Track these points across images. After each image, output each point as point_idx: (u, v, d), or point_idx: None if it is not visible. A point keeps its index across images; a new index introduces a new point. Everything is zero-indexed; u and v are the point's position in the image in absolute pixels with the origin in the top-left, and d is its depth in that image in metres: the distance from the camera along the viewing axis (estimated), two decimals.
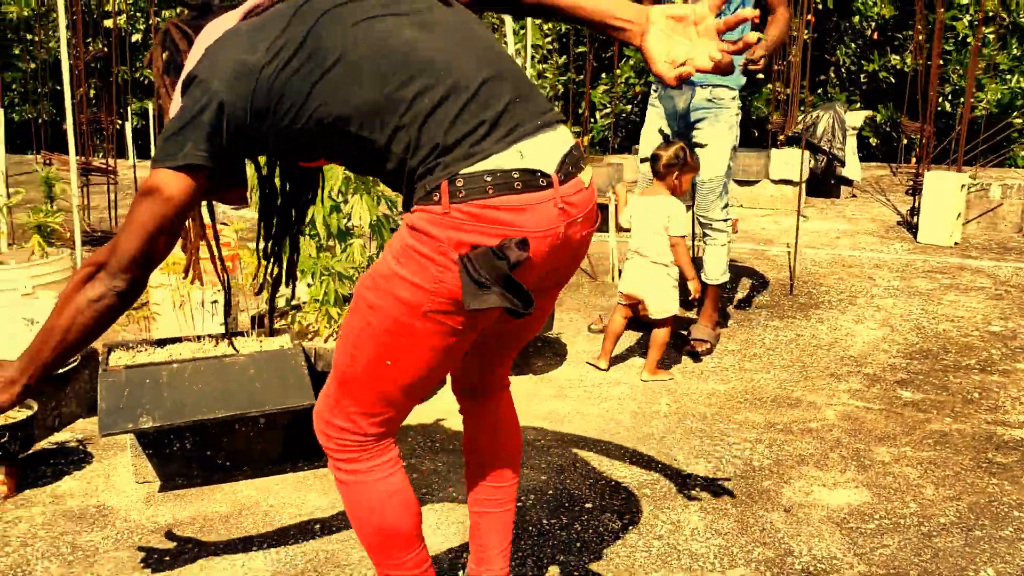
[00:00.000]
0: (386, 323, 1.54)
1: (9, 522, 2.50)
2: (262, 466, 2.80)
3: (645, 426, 3.12)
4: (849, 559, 2.31)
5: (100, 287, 1.54)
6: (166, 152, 1.51)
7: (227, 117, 1.50)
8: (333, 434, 1.67)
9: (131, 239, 1.52)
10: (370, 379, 1.61)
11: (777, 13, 3.65)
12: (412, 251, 1.48)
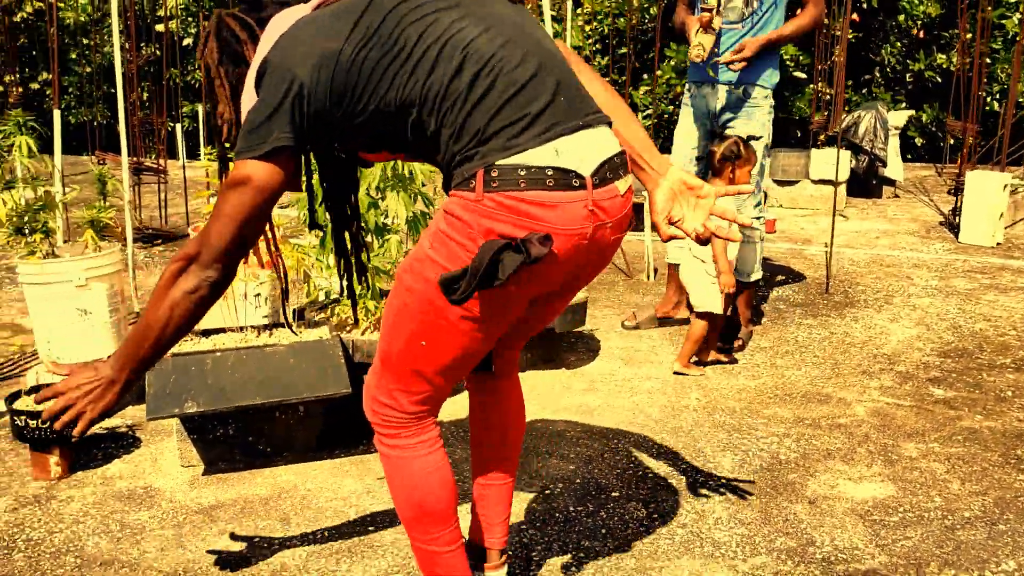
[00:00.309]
0: (421, 305, 1.63)
1: (63, 501, 2.64)
2: (301, 452, 2.90)
3: (673, 420, 3.18)
4: (870, 550, 2.35)
5: (194, 279, 1.61)
6: (251, 142, 1.56)
7: (308, 102, 1.56)
8: (378, 409, 1.77)
9: (222, 230, 1.59)
10: (407, 358, 1.69)
11: (807, 8, 3.69)
12: (445, 236, 1.57)
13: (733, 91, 3.76)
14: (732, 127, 3.78)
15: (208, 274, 1.61)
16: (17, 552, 2.36)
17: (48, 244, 3.02)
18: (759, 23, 3.68)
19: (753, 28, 3.69)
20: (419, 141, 1.62)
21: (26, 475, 2.79)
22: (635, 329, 4.16)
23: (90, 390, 1.67)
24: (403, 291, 1.66)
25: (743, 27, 3.69)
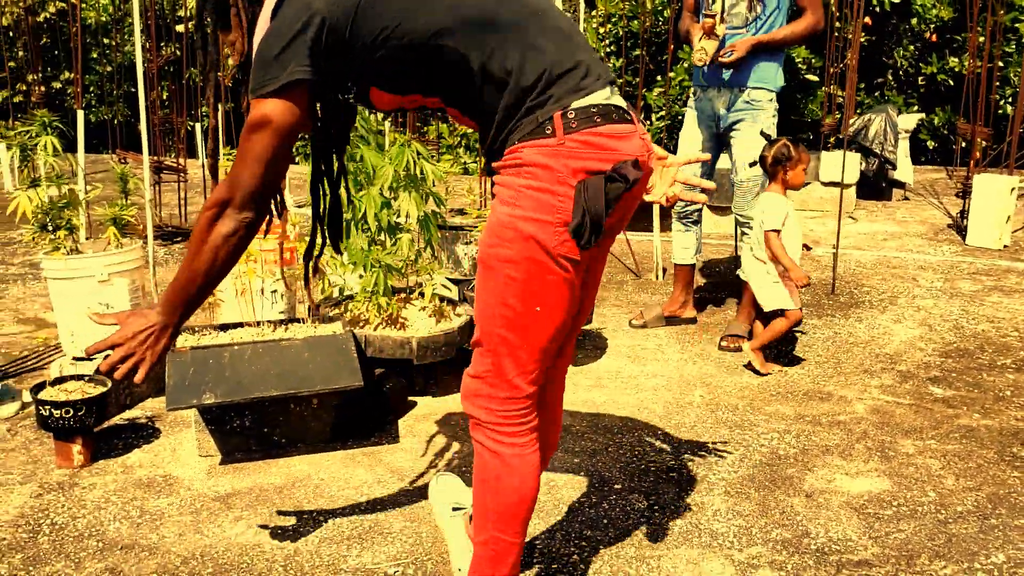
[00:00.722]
0: (527, 268, 1.63)
1: (85, 488, 2.74)
2: (314, 443, 3.00)
3: (677, 415, 3.26)
4: (864, 541, 2.42)
5: (231, 222, 1.66)
6: (267, 77, 1.57)
7: (328, 33, 1.56)
8: (498, 408, 1.76)
9: (251, 171, 1.63)
10: (525, 333, 1.69)
11: (805, 14, 3.77)
12: (528, 189, 1.60)
13: (738, 94, 3.83)
14: (737, 130, 3.86)
15: (244, 215, 1.66)
16: (42, 536, 2.47)
17: (72, 240, 3.13)
18: (762, 28, 3.76)
19: (756, 33, 3.77)
20: (459, 80, 1.62)
21: (50, 463, 2.89)
22: (642, 328, 4.23)
23: (145, 337, 1.73)
24: (500, 266, 1.65)
25: (747, 32, 3.77)
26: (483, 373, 1.77)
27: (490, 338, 1.74)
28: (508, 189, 1.63)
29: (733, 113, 3.86)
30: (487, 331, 1.74)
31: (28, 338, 4.17)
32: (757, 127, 3.82)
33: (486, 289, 1.70)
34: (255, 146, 1.62)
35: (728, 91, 3.84)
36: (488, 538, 1.84)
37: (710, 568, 2.30)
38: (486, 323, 1.73)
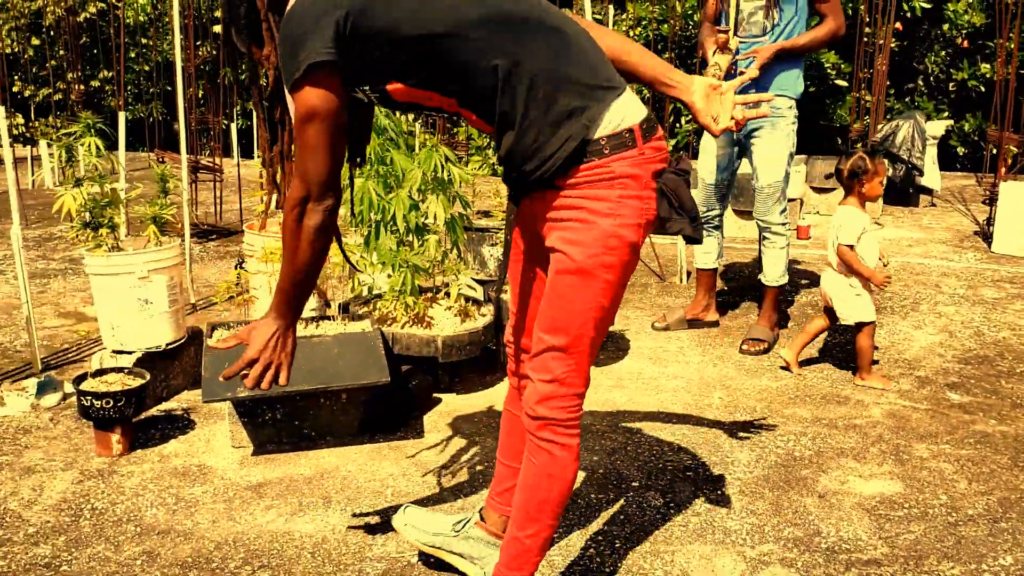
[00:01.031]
0: (623, 270, 1.83)
1: (124, 475, 2.87)
2: (342, 437, 3.10)
3: (696, 416, 3.33)
4: (873, 541, 2.48)
5: (317, 216, 1.75)
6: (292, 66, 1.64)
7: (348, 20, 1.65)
8: (572, 404, 1.89)
9: (316, 162, 1.71)
10: (604, 330, 1.89)
11: (826, 20, 3.83)
12: (623, 199, 1.77)
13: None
14: (757, 136, 3.92)
15: (325, 204, 1.75)
16: (83, 519, 2.59)
17: (113, 238, 3.26)
18: (781, 36, 3.82)
19: (776, 40, 3.83)
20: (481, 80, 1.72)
21: (90, 451, 3.02)
22: (664, 330, 4.31)
23: (275, 343, 1.87)
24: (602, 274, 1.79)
25: (767, 40, 3.83)
26: (562, 375, 1.87)
27: (579, 341, 1.86)
28: (605, 202, 1.77)
29: (753, 121, 3.92)
30: (578, 335, 1.85)
31: (69, 331, 4.32)
32: (776, 134, 3.88)
33: (583, 296, 1.82)
34: (310, 139, 1.71)
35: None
36: (542, 527, 1.97)
37: (722, 564, 2.37)
38: (578, 328, 1.84)
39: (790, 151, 3.94)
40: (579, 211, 1.78)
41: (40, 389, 3.37)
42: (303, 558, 2.39)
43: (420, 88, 1.78)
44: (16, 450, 3.04)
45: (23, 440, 3.12)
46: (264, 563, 2.36)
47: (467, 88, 1.77)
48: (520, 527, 1.97)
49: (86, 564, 2.36)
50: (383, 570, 2.33)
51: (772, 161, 3.89)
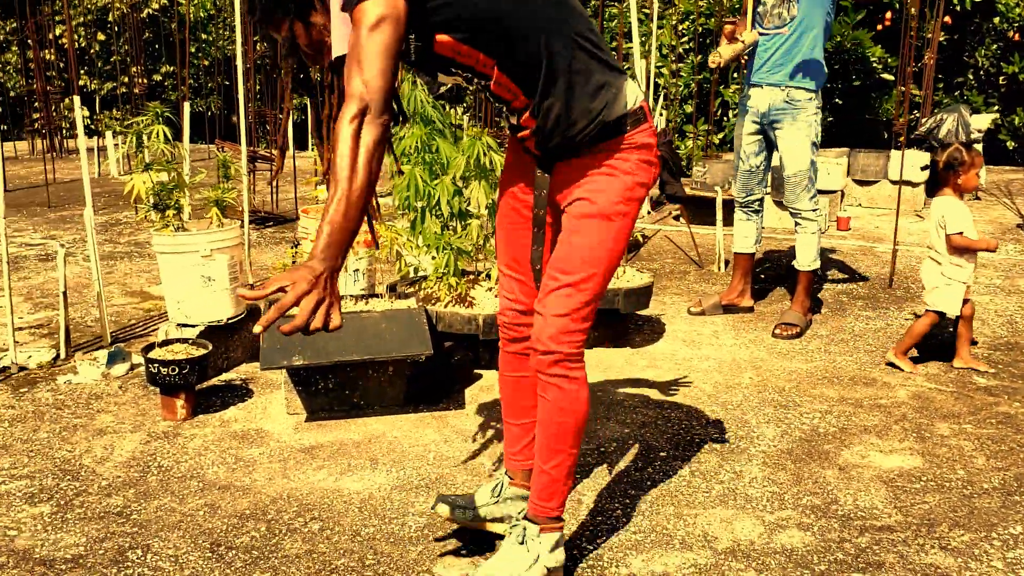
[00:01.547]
0: (629, 222, 2.10)
1: (187, 438, 3.10)
2: (389, 406, 3.31)
3: (725, 395, 3.48)
4: (888, 510, 2.61)
5: (377, 129, 1.68)
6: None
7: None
8: (580, 338, 2.10)
9: (378, 70, 1.68)
10: (611, 272, 2.13)
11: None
12: (642, 163, 2.08)
13: (778, 93, 4.02)
14: (780, 128, 4.04)
15: (384, 118, 1.70)
16: (151, 475, 2.83)
17: (179, 219, 3.50)
18: (799, 27, 3.94)
19: (797, 30, 3.95)
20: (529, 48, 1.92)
21: (156, 416, 3.26)
22: (700, 315, 4.44)
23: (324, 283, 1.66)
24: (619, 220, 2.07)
25: (788, 31, 3.96)
26: (573, 310, 2.08)
27: (592, 279, 2.08)
28: (628, 162, 2.07)
29: (774, 112, 4.05)
30: (593, 272, 2.08)
31: (135, 308, 4.59)
32: (797, 125, 4.00)
33: (601, 237, 2.07)
34: (374, 45, 1.68)
35: (768, 90, 4.03)
36: (565, 456, 2.16)
37: (741, 527, 2.52)
38: (593, 265, 2.07)
39: (812, 140, 4.05)
40: (606, 167, 2.07)
41: (110, 359, 3.62)
42: (351, 512, 2.59)
43: (466, 44, 1.88)
44: (89, 414, 3.29)
45: (95, 405, 3.37)
46: (315, 516, 2.57)
47: (513, 52, 1.94)
48: (545, 460, 2.16)
49: (154, 513, 2.59)
50: (424, 524, 2.52)
51: (795, 151, 4.01)
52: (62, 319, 3.80)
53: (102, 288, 3.86)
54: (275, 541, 2.44)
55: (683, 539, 2.45)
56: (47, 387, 3.54)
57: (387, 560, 2.35)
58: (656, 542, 2.44)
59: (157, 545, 2.42)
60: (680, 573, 2.29)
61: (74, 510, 2.61)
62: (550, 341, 2.08)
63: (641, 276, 3.99)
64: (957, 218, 3.64)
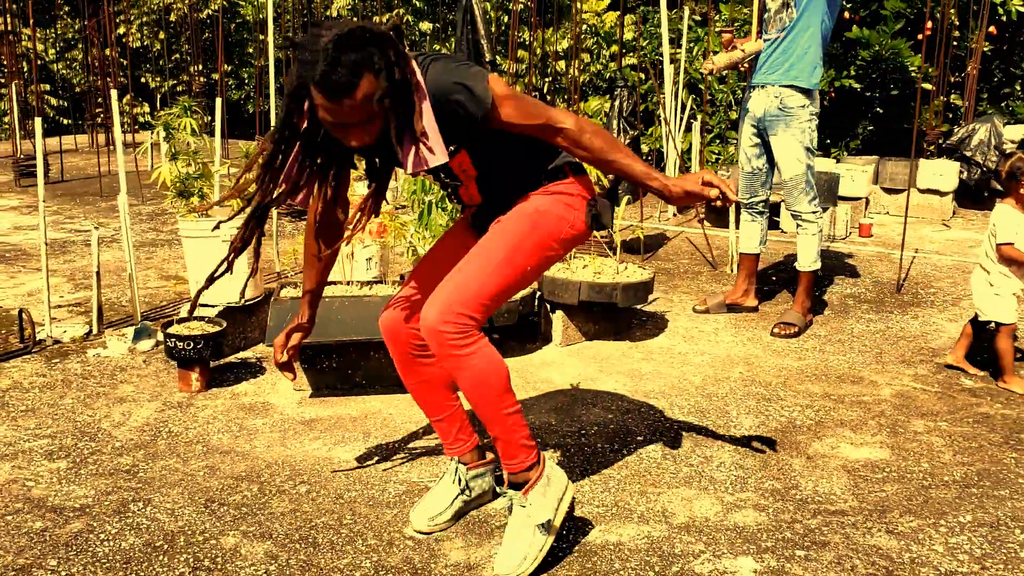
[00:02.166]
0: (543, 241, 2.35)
1: (199, 408, 3.34)
2: (388, 386, 3.51)
3: (712, 387, 3.61)
4: (845, 496, 2.74)
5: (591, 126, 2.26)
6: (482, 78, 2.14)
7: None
8: (459, 324, 2.20)
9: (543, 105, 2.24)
10: (514, 284, 2.33)
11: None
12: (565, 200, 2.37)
13: (772, 98, 4.14)
14: (774, 134, 4.17)
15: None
16: (160, 439, 3.07)
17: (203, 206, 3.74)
18: (792, 31, 4.07)
19: (792, 31, 4.07)
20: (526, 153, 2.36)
21: (173, 387, 3.51)
22: (704, 313, 4.57)
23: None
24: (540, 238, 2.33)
25: (783, 34, 4.09)
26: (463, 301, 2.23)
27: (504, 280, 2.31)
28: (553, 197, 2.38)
29: (768, 118, 4.17)
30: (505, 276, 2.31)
31: (167, 291, 4.87)
32: (790, 131, 4.11)
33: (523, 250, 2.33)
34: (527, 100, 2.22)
35: (762, 91, 4.16)
36: (505, 416, 2.30)
37: (700, 505, 2.67)
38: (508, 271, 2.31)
39: (806, 145, 4.16)
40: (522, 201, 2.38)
41: (136, 335, 3.89)
42: (337, 478, 2.80)
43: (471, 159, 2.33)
44: (112, 384, 3.55)
45: (119, 376, 3.64)
46: (304, 480, 2.78)
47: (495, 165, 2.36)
48: (492, 429, 2.33)
49: (158, 472, 2.82)
50: (403, 491, 2.72)
51: (789, 156, 4.13)
52: (95, 297, 4.09)
53: (134, 270, 4.13)
54: (264, 500, 2.66)
55: (642, 514, 2.61)
56: (77, 359, 3.82)
57: (363, 520, 2.54)
58: (616, 515, 2.60)
59: (157, 499, 2.65)
60: (633, 543, 2.45)
61: (87, 467, 2.86)
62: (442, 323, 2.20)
63: (641, 272, 4.14)
64: (1009, 228, 3.63)
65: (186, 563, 2.32)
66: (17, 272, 5.29)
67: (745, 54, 4.16)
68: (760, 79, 4.19)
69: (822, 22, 4.08)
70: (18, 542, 2.42)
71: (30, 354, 3.86)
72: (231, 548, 2.40)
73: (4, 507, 2.60)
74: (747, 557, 2.39)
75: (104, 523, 2.51)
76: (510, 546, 2.30)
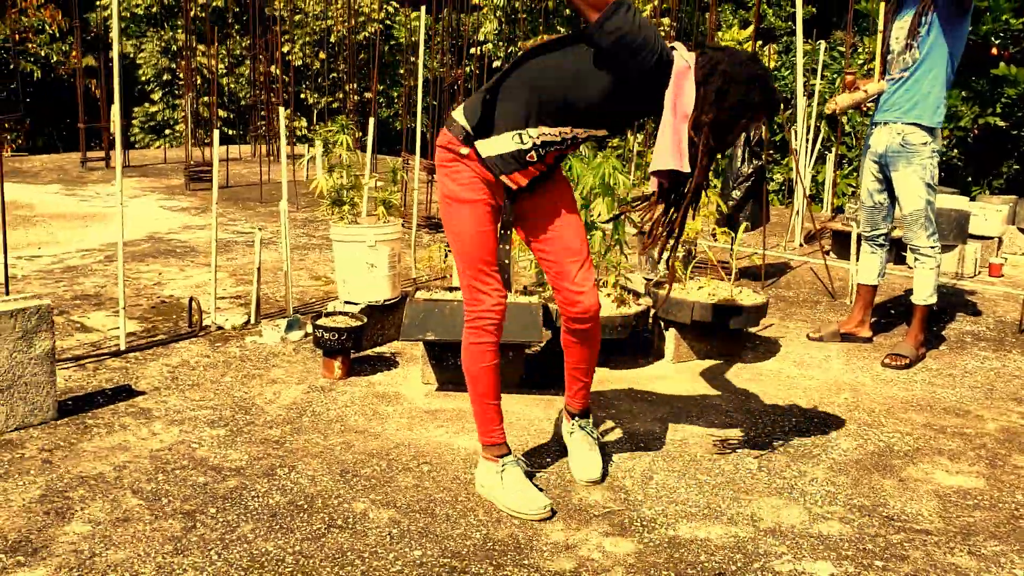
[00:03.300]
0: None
1: (339, 393, 3.73)
2: (507, 386, 3.79)
3: (815, 410, 3.76)
4: (932, 518, 2.86)
5: None
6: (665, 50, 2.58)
7: None
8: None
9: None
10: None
11: None
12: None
13: (894, 134, 4.25)
14: (895, 170, 4.26)
15: None
16: (305, 417, 3.46)
17: (353, 214, 4.17)
18: (918, 70, 4.17)
19: (917, 71, 4.17)
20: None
21: (318, 374, 3.92)
22: (818, 341, 4.69)
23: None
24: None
25: (907, 74, 4.19)
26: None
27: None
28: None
29: (890, 154, 4.27)
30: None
31: (317, 289, 5.35)
32: (912, 167, 4.21)
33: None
34: None
35: (884, 129, 4.27)
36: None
37: (788, 514, 2.85)
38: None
39: (927, 181, 4.23)
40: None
41: (288, 326, 4.34)
42: (456, 462, 3.12)
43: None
44: (265, 367, 4.00)
45: (271, 361, 4.08)
46: (427, 461, 3.11)
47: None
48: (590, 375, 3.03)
49: (302, 444, 3.21)
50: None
51: (910, 192, 4.22)
52: (254, 291, 4.57)
53: (289, 268, 4.60)
54: (391, 475, 3.00)
55: (731, 517, 2.82)
56: (236, 344, 4.29)
57: (476, 499, 2.85)
58: (707, 516, 2.81)
59: (300, 467, 3.03)
60: (720, 540, 2.66)
61: (242, 435, 3.27)
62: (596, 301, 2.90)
63: (755, 296, 4.31)
64: None
65: (322, 520, 2.68)
66: (186, 266, 5.89)
67: (868, 95, 4.29)
68: (882, 117, 4.31)
69: (946, 63, 4.17)
70: (183, 491, 2.84)
71: (197, 337, 4.37)
72: (360, 512, 2.74)
73: (174, 462, 3.04)
74: (826, 562, 2.57)
75: (255, 483, 2.91)
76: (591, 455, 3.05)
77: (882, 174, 4.41)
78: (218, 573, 2.39)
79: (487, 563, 2.49)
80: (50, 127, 16.66)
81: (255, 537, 2.58)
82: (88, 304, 4.92)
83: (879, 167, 4.40)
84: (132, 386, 3.71)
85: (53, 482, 2.86)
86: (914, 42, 4.17)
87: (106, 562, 2.42)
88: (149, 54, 15.28)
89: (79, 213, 7.72)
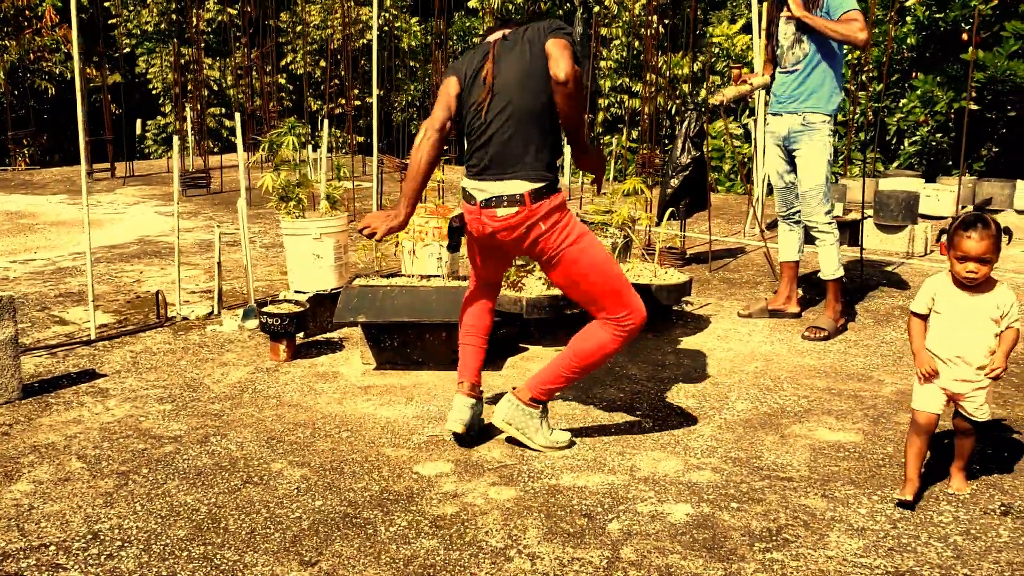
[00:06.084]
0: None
1: (281, 373, 4.06)
2: (441, 364, 4.12)
3: (724, 377, 4.03)
4: (799, 468, 3.12)
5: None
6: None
7: None
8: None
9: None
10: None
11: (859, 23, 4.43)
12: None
13: (795, 119, 4.51)
14: (797, 147, 4.52)
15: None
16: (246, 394, 3.80)
17: (299, 209, 4.50)
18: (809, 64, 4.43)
19: (806, 69, 4.43)
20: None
21: (265, 357, 4.26)
22: (748, 318, 4.95)
23: (384, 217, 3.02)
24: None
25: (801, 66, 4.45)
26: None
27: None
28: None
29: (793, 135, 4.53)
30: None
31: (281, 283, 5.69)
32: (813, 145, 4.46)
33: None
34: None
35: (788, 117, 4.52)
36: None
37: (665, 465, 3.13)
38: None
39: (827, 159, 4.49)
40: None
41: (245, 315, 4.68)
42: (375, 429, 3.43)
43: None
44: (220, 352, 4.34)
45: (226, 346, 4.42)
46: (348, 428, 3.43)
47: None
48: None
49: (238, 417, 3.54)
50: (424, 441, 3.32)
51: (811, 167, 4.48)
52: (216, 284, 4.92)
53: (250, 263, 4.94)
54: (312, 441, 3.32)
55: (612, 467, 3.10)
56: (197, 332, 4.64)
57: (384, 459, 3.16)
58: (591, 467, 3.10)
59: (232, 435, 3.36)
60: (595, 488, 2.95)
61: (186, 410, 3.61)
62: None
63: (678, 275, 4.59)
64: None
65: (240, 478, 3.01)
66: (167, 265, 6.27)
67: (752, 87, 4.55)
68: (782, 107, 4.57)
69: (836, 55, 4.43)
70: (122, 456, 3.18)
71: (163, 327, 4.72)
72: (277, 471, 3.07)
73: (119, 432, 3.38)
74: (687, 504, 2.85)
75: (188, 449, 3.24)
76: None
77: (787, 155, 4.66)
78: (138, 520, 2.72)
79: (378, 510, 2.80)
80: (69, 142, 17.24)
81: (178, 492, 2.91)
82: (70, 301, 5.30)
83: (783, 149, 4.65)
84: (96, 370, 4.07)
85: (8, 451, 3.21)
86: (803, 36, 4.43)
87: (41, 513, 2.76)
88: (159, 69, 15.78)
89: (79, 220, 8.15)
